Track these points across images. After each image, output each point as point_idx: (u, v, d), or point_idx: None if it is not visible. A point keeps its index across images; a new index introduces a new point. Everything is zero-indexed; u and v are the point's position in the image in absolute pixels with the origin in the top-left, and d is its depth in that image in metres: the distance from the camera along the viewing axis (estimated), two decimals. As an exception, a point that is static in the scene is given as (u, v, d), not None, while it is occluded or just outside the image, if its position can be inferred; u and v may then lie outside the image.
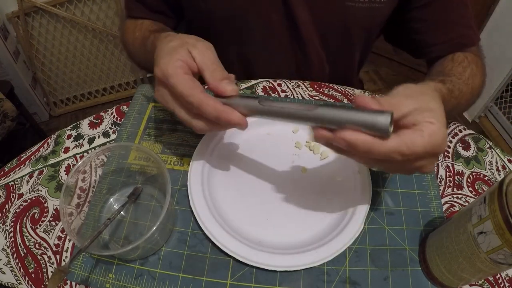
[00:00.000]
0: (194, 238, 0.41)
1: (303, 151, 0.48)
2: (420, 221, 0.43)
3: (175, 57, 0.36)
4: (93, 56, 1.58)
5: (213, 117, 0.35)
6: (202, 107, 0.34)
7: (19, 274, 0.40)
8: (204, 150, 0.46)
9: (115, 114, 0.54)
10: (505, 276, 0.40)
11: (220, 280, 0.38)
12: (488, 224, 0.30)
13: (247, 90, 0.56)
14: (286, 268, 0.37)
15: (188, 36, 0.40)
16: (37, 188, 0.46)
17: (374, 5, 0.51)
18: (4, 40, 1.37)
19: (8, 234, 0.43)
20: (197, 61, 0.37)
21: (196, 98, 0.34)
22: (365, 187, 0.43)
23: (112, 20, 1.50)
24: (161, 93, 0.38)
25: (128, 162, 0.46)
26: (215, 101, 0.35)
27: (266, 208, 0.43)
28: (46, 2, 1.36)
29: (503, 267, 0.31)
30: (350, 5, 0.51)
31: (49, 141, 0.52)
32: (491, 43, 1.41)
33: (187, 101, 0.35)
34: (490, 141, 0.52)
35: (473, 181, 0.48)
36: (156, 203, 0.43)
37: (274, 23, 0.55)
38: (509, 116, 1.48)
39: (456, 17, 0.52)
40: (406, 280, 0.39)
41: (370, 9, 0.51)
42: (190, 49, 0.37)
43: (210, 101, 0.35)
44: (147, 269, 0.39)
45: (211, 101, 0.35)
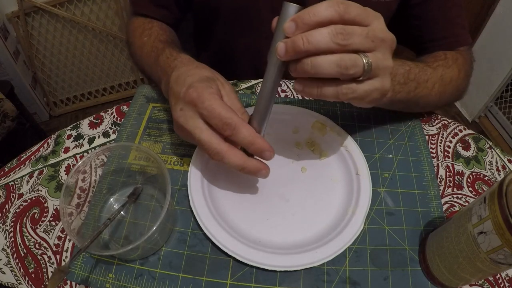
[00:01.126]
0: (194, 238, 0.41)
1: (303, 151, 0.48)
2: (420, 221, 0.43)
3: (211, 85, 0.39)
4: (93, 56, 1.58)
5: (248, 141, 0.37)
6: (239, 129, 0.36)
7: (19, 274, 0.40)
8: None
9: (115, 114, 0.54)
10: (505, 276, 0.40)
11: (220, 280, 0.38)
12: (488, 224, 0.30)
13: (247, 90, 0.56)
14: (286, 268, 0.37)
15: (213, 71, 0.43)
16: (37, 188, 0.46)
17: (381, 0, 0.52)
18: (4, 40, 1.37)
19: (8, 234, 0.43)
20: (226, 100, 0.40)
21: (235, 120, 0.36)
22: (365, 187, 0.43)
23: (112, 20, 1.50)
24: (185, 113, 0.39)
25: (128, 162, 0.46)
26: (252, 127, 0.37)
27: (266, 208, 0.43)
28: (46, 2, 1.36)
29: (503, 267, 0.31)
30: None
31: (49, 141, 0.52)
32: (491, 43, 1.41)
33: (225, 122, 0.36)
34: (490, 141, 0.52)
35: (473, 181, 0.48)
36: (156, 203, 0.43)
37: None
38: (509, 116, 1.48)
39: (452, 16, 0.53)
40: (406, 280, 0.39)
41: (379, 4, 0.52)
42: (220, 86, 0.40)
43: (248, 126, 0.37)
44: (147, 269, 0.39)
45: (248, 125, 0.37)
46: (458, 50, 0.54)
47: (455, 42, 0.54)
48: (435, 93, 0.48)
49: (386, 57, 0.34)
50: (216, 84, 0.40)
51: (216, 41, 0.66)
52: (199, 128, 0.38)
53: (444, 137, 0.52)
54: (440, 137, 0.52)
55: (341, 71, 0.32)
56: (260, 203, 0.43)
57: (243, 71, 0.64)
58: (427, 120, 0.54)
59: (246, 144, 0.37)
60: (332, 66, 0.31)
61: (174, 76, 0.42)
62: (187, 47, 0.65)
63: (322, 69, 0.32)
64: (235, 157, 0.37)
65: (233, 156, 0.37)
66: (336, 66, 0.31)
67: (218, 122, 0.37)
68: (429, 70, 0.47)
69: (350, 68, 0.32)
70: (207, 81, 0.39)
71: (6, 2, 1.34)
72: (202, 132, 0.38)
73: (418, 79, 0.45)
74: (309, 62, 0.32)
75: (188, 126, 0.38)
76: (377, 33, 0.33)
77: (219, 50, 0.67)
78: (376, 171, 0.46)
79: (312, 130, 0.50)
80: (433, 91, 0.47)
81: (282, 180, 0.45)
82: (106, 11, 1.47)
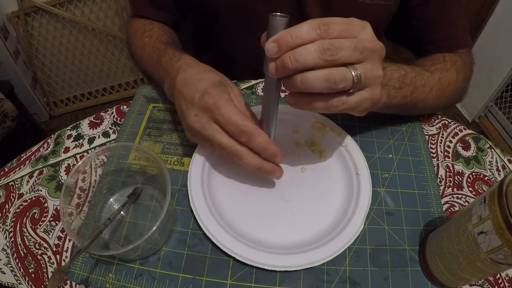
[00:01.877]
0: (194, 238, 0.41)
1: (303, 151, 0.48)
2: (420, 221, 0.43)
3: (224, 91, 0.40)
4: (93, 56, 1.58)
5: (262, 147, 0.38)
6: (254, 136, 0.38)
7: (19, 274, 0.40)
8: (204, 150, 0.46)
9: (115, 114, 0.54)
10: (505, 276, 0.40)
11: (220, 280, 0.38)
12: (488, 224, 0.30)
13: (247, 90, 0.56)
14: (286, 268, 0.37)
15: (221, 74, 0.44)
16: (37, 188, 0.46)
17: (381, 2, 0.52)
18: (4, 40, 1.37)
19: (8, 234, 0.43)
20: (235, 103, 0.40)
21: (250, 128, 0.38)
22: (365, 187, 0.43)
23: (112, 20, 1.50)
24: (201, 119, 0.40)
25: (128, 162, 0.46)
26: (265, 134, 0.39)
27: (266, 208, 0.43)
28: (46, 2, 1.36)
29: (503, 267, 0.31)
30: (359, 1, 0.52)
31: (49, 141, 0.52)
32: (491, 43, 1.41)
33: (241, 130, 0.38)
34: (490, 141, 0.52)
35: (473, 181, 0.48)
36: (156, 203, 0.43)
37: None
38: (509, 116, 1.48)
39: (452, 17, 0.53)
40: (406, 280, 0.39)
41: (378, 6, 0.52)
42: (229, 90, 0.41)
43: (262, 133, 0.39)
44: (147, 269, 0.39)
45: (263, 132, 0.39)
46: (458, 52, 0.54)
47: (455, 44, 0.54)
48: (433, 97, 0.48)
49: (375, 67, 0.34)
50: (227, 89, 0.41)
51: (215, 43, 0.66)
52: (219, 132, 0.39)
53: (444, 137, 0.52)
54: (440, 137, 0.52)
55: (330, 86, 0.32)
56: (260, 203, 0.43)
57: (242, 73, 0.64)
58: (427, 120, 0.54)
59: (261, 150, 0.39)
60: (321, 81, 0.32)
61: (181, 79, 0.42)
62: (187, 47, 0.65)
63: (311, 84, 0.32)
64: (253, 159, 0.39)
65: (252, 157, 0.39)
66: (325, 81, 0.32)
67: (235, 130, 0.38)
68: (426, 74, 0.47)
69: (339, 83, 0.32)
70: (220, 87, 0.40)
71: (6, 2, 1.34)
72: (222, 136, 0.39)
73: (414, 84, 0.45)
74: (299, 78, 0.32)
75: (206, 131, 0.39)
76: (365, 44, 0.33)
77: (218, 52, 0.67)
78: (376, 171, 0.46)
79: (312, 130, 0.50)
80: (430, 95, 0.47)
81: (282, 180, 0.45)
82: (106, 11, 1.47)
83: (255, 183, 0.45)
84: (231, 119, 0.38)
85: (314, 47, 0.31)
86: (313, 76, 0.32)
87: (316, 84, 0.32)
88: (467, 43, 0.55)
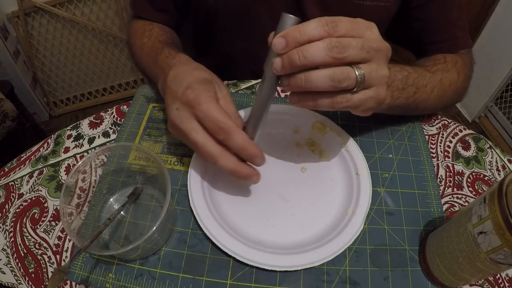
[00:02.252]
0: (194, 238, 0.41)
1: (303, 151, 0.48)
2: (420, 221, 0.43)
3: (209, 88, 0.39)
4: (93, 56, 1.58)
5: (240, 146, 0.37)
6: (233, 135, 0.37)
7: (19, 274, 0.40)
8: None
9: (115, 114, 0.54)
10: (505, 276, 0.40)
11: (220, 280, 0.38)
12: (488, 224, 0.30)
13: (247, 90, 0.56)
14: (286, 268, 0.37)
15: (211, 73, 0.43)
16: (37, 188, 0.46)
17: (381, 4, 0.52)
18: (4, 40, 1.37)
19: (8, 234, 0.43)
20: (222, 103, 0.40)
21: (228, 125, 0.37)
22: (365, 187, 0.43)
23: (112, 20, 1.50)
24: (180, 113, 0.39)
25: (128, 162, 0.46)
26: (245, 134, 0.38)
27: (266, 208, 0.43)
28: (46, 2, 1.36)
29: (503, 267, 0.31)
30: (358, 3, 0.52)
31: (49, 141, 0.52)
32: (491, 43, 1.41)
33: (220, 127, 0.37)
34: (490, 141, 0.52)
35: (473, 181, 0.48)
36: (156, 203, 0.43)
37: None
38: (509, 116, 1.48)
39: (452, 18, 0.53)
40: (406, 280, 0.39)
41: (378, 8, 0.52)
42: (217, 89, 0.41)
43: (241, 132, 0.37)
44: (147, 269, 0.39)
45: (242, 131, 0.37)
46: (458, 53, 0.54)
47: (455, 44, 0.54)
48: (434, 97, 0.48)
49: (381, 67, 0.34)
50: (213, 87, 0.40)
51: (215, 44, 0.66)
52: (195, 129, 0.38)
53: (444, 137, 0.52)
54: (440, 137, 0.52)
55: (334, 84, 0.32)
56: (260, 203, 0.43)
57: (243, 73, 0.64)
58: (427, 120, 0.54)
59: (238, 149, 0.37)
60: (325, 80, 0.32)
61: (172, 75, 0.42)
62: (187, 48, 0.65)
63: (315, 83, 0.32)
64: (228, 161, 0.38)
65: (226, 159, 0.38)
66: (330, 80, 0.32)
67: (213, 126, 0.37)
68: (428, 74, 0.47)
69: (343, 81, 0.32)
70: (205, 83, 0.40)
71: (6, 2, 1.34)
72: (197, 133, 0.38)
73: (417, 84, 0.45)
74: (303, 77, 0.32)
75: (183, 126, 0.38)
76: (371, 44, 0.33)
77: (218, 52, 0.67)
78: (376, 171, 0.46)
79: (312, 130, 0.50)
80: (432, 95, 0.47)
81: (282, 180, 0.45)
82: (106, 11, 1.47)
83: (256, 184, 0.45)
84: (210, 114, 0.37)
85: (323, 45, 0.31)
86: (317, 74, 0.32)
87: (320, 83, 0.32)
88: (467, 44, 0.55)
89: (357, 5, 0.52)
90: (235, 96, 0.55)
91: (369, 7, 0.52)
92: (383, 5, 0.52)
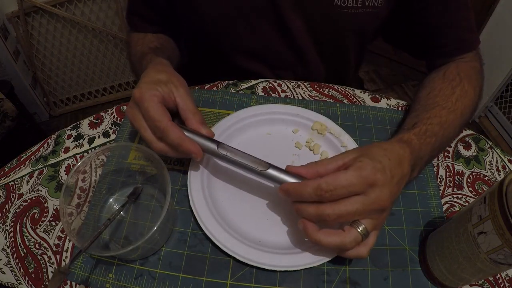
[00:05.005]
0: (194, 238, 0.41)
1: (303, 151, 0.48)
2: (420, 221, 0.43)
3: (156, 87, 0.41)
4: (93, 56, 1.58)
5: (175, 143, 0.39)
6: (167, 133, 0.39)
7: (19, 274, 0.40)
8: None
9: (115, 114, 0.54)
10: (505, 276, 0.40)
11: (220, 280, 0.38)
12: (488, 224, 0.30)
13: (247, 90, 0.56)
14: (286, 268, 0.37)
15: (177, 76, 0.45)
16: (37, 188, 0.46)
17: (367, 10, 0.50)
18: (4, 40, 1.36)
19: (8, 234, 0.43)
20: (178, 101, 0.42)
21: (163, 124, 0.39)
22: (365, 187, 0.43)
23: (112, 20, 1.50)
24: (132, 111, 0.41)
25: (128, 162, 0.46)
26: (180, 131, 0.40)
27: (266, 208, 0.43)
28: (46, 2, 1.36)
29: (503, 267, 0.31)
30: (342, 11, 0.50)
31: (49, 141, 0.52)
32: (491, 43, 1.41)
33: (155, 125, 0.39)
34: (490, 141, 0.52)
35: (473, 181, 0.48)
36: (156, 203, 0.43)
37: (266, 32, 0.55)
38: (509, 116, 1.48)
39: (457, 20, 0.51)
40: (406, 280, 0.39)
41: (363, 15, 0.51)
42: (173, 89, 0.42)
43: (175, 129, 0.39)
44: (147, 269, 0.39)
45: (176, 129, 0.39)
46: (467, 56, 0.52)
47: (461, 48, 0.52)
48: (457, 132, 0.48)
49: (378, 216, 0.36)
50: (166, 88, 0.42)
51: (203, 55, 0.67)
52: (143, 127, 0.41)
53: (444, 137, 0.52)
54: (440, 137, 0.52)
55: (341, 249, 0.36)
56: (260, 203, 0.43)
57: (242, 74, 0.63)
58: (427, 120, 0.54)
59: (175, 146, 0.39)
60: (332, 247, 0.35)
61: (141, 76, 0.44)
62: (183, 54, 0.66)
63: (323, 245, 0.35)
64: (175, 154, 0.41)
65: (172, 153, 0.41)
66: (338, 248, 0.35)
67: (151, 124, 0.40)
68: (450, 116, 0.45)
69: (350, 247, 0.35)
70: (155, 83, 0.41)
71: (6, 2, 1.34)
72: (145, 132, 0.41)
73: (441, 139, 0.44)
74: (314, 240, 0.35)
75: (135, 123, 0.41)
76: (371, 207, 0.34)
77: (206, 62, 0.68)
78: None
79: (312, 130, 0.50)
80: (456, 129, 0.46)
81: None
82: (106, 11, 1.47)
83: (255, 183, 0.45)
84: (148, 113, 0.39)
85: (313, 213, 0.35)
86: (325, 240, 0.35)
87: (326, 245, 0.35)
88: (473, 45, 0.52)
89: (342, 13, 0.50)
90: (235, 96, 0.55)
91: (354, 14, 0.50)
92: (370, 11, 0.50)
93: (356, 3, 0.49)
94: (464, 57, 0.52)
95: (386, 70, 1.84)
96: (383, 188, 0.34)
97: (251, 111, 0.50)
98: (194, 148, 0.39)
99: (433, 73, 0.52)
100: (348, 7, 0.50)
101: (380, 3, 0.50)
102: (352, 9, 0.50)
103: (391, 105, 0.55)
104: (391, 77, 1.81)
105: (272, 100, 0.54)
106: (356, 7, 0.50)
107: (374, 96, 0.56)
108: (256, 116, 0.50)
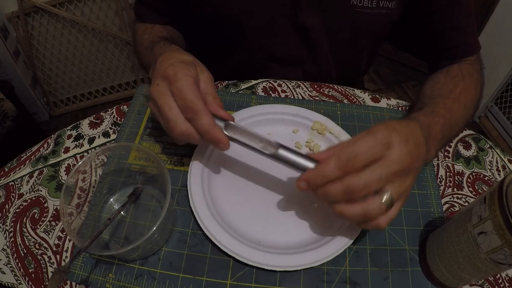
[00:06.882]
0: (194, 238, 0.41)
1: (303, 151, 0.48)
2: (420, 221, 0.43)
3: (189, 67, 0.40)
4: (93, 56, 1.58)
5: (205, 129, 0.38)
6: (200, 116, 0.37)
7: (19, 274, 0.40)
8: (204, 150, 0.46)
9: (115, 114, 0.54)
10: (505, 276, 0.40)
11: (220, 280, 0.38)
12: (488, 224, 0.30)
13: (247, 90, 0.56)
14: (286, 268, 0.37)
15: (195, 58, 0.44)
16: (37, 188, 0.46)
17: (382, 11, 0.51)
18: (4, 40, 1.36)
19: (8, 234, 0.43)
20: (202, 84, 0.41)
21: (198, 106, 0.37)
22: (365, 187, 0.43)
23: (112, 20, 1.50)
24: (159, 89, 0.39)
25: (128, 162, 0.46)
26: (212, 117, 0.38)
27: (266, 208, 0.43)
28: (46, 2, 1.36)
29: (503, 267, 0.31)
30: (359, 11, 0.51)
31: (49, 141, 0.52)
32: (491, 43, 1.41)
33: (188, 106, 0.37)
34: (490, 141, 0.52)
35: (473, 181, 0.48)
36: (156, 203, 0.43)
37: (281, 28, 0.55)
38: (509, 116, 1.48)
39: (462, 24, 0.53)
40: (406, 280, 0.39)
41: (378, 15, 0.52)
42: (199, 72, 0.41)
43: (209, 114, 0.38)
44: (147, 269, 0.39)
45: (210, 115, 0.38)
46: (469, 59, 0.53)
47: (465, 51, 0.54)
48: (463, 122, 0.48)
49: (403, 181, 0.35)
50: (195, 69, 0.41)
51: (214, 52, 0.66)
52: (169, 105, 0.38)
53: (444, 137, 0.52)
54: (440, 137, 0.52)
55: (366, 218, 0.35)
56: (260, 203, 0.43)
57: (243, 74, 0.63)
58: (427, 120, 0.54)
59: (203, 132, 0.38)
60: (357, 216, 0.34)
61: (160, 58, 0.43)
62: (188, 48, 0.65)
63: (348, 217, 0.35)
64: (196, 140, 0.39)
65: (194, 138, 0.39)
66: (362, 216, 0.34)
67: (183, 104, 0.38)
68: (455, 106, 0.46)
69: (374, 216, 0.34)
70: (187, 64, 0.40)
71: (6, 2, 1.34)
72: (170, 110, 0.38)
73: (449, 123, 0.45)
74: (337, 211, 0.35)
75: (159, 101, 0.39)
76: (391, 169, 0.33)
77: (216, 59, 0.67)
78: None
79: (312, 130, 0.50)
80: (460, 120, 0.47)
81: (282, 180, 0.45)
82: (106, 11, 1.47)
83: (255, 183, 0.45)
84: (182, 92, 0.38)
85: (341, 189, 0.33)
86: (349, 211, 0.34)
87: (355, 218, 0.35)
88: (476, 48, 0.55)
89: (358, 13, 0.51)
90: (235, 96, 0.55)
91: (369, 14, 0.52)
92: (384, 12, 0.52)
93: (371, 3, 0.50)
94: (466, 60, 0.54)
95: (386, 70, 1.84)
96: (401, 147, 0.34)
97: (251, 111, 0.51)
98: (223, 137, 0.38)
99: (436, 73, 0.54)
100: (364, 7, 0.51)
101: (393, 5, 0.51)
102: (368, 9, 0.51)
103: (391, 105, 0.55)
104: (391, 77, 1.81)
105: (272, 100, 0.54)
106: (371, 7, 0.51)
107: (374, 96, 0.56)
108: (256, 116, 0.50)
